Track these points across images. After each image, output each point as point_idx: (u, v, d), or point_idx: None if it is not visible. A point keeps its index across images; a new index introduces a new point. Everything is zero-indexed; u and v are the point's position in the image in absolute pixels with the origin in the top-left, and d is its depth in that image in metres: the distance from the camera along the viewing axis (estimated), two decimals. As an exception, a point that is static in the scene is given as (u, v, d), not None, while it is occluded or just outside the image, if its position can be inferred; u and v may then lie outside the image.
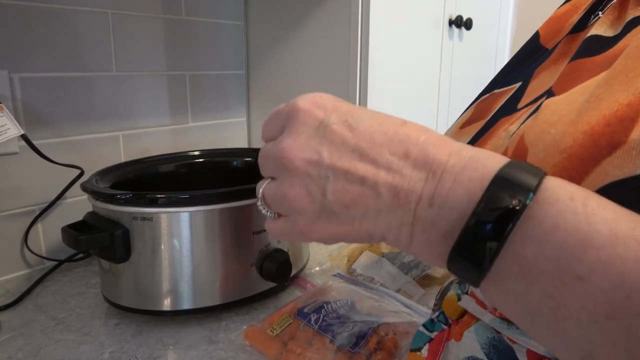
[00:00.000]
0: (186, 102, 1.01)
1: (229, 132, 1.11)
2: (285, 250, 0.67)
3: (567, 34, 0.41)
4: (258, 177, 0.68)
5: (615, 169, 0.25)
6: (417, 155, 0.26)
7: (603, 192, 0.25)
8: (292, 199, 0.29)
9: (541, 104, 0.33)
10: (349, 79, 0.91)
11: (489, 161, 0.25)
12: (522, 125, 0.33)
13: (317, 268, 0.79)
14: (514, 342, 0.33)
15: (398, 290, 0.69)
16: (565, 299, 0.21)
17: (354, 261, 0.77)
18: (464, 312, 0.38)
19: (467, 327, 0.36)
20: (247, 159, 0.88)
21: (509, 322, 0.33)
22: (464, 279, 0.25)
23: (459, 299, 0.39)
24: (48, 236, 0.82)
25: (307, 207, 0.28)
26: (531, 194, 0.22)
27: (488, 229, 0.23)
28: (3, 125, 0.68)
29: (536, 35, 0.45)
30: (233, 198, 0.61)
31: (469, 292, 0.39)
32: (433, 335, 0.40)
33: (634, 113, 0.25)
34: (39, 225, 0.81)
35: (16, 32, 0.75)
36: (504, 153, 0.33)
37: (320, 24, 0.94)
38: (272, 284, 0.66)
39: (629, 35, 0.34)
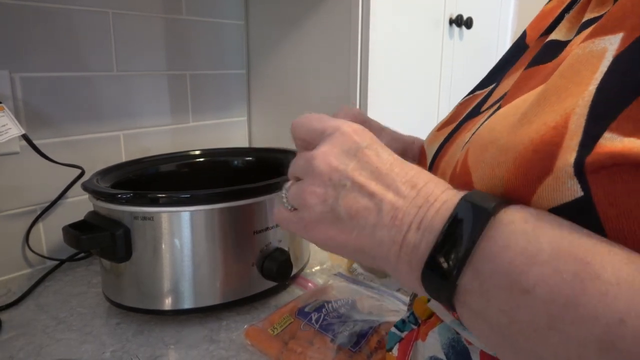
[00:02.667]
0: (187, 102, 1.01)
1: (230, 131, 1.11)
2: (286, 249, 0.67)
3: (540, 35, 0.39)
4: (258, 177, 0.68)
5: (549, 196, 0.25)
6: (421, 187, 0.30)
7: None
8: (308, 193, 0.32)
9: (490, 116, 0.33)
10: (349, 78, 0.91)
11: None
12: (468, 142, 0.33)
13: (318, 267, 0.79)
14: (470, 344, 0.34)
15: (398, 290, 0.69)
16: (515, 314, 0.23)
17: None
18: (433, 313, 0.38)
19: (432, 328, 0.37)
20: (248, 158, 0.88)
21: None
22: (439, 298, 0.28)
23: (429, 300, 0.39)
24: (49, 236, 0.82)
25: (318, 206, 0.32)
26: (485, 214, 0.25)
27: (453, 243, 0.26)
28: (4, 125, 0.68)
29: (523, 34, 0.44)
30: (234, 197, 0.61)
31: None
32: (403, 335, 0.40)
33: (559, 137, 0.24)
34: (40, 225, 0.81)
35: (17, 32, 0.75)
36: (454, 168, 0.33)
37: (321, 23, 0.94)
38: (272, 283, 0.66)
39: (575, 39, 0.33)
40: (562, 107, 0.25)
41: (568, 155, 0.23)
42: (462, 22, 1.15)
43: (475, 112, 0.39)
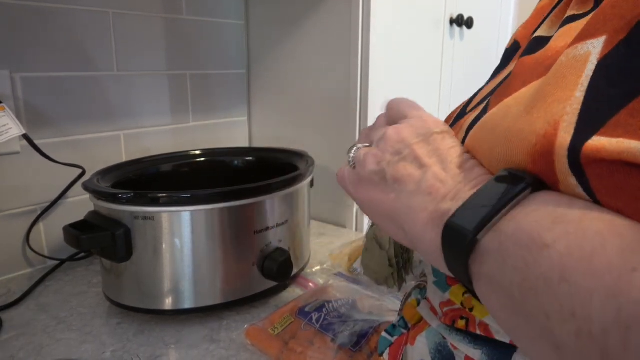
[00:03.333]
0: (187, 102, 1.01)
1: (230, 131, 1.11)
2: (287, 249, 0.67)
3: (531, 33, 0.39)
4: (259, 177, 0.68)
5: None
6: (467, 168, 0.31)
7: None
8: (371, 155, 0.36)
9: (478, 117, 0.33)
10: (350, 78, 0.91)
11: None
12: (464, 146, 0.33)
13: (318, 267, 0.79)
14: (455, 348, 0.34)
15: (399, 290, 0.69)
16: (529, 270, 0.23)
17: (355, 260, 0.77)
18: (422, 318, 0.39)
19: (420, 332, 0.37)
20: (248, 158, 0.88)
21: (451, 329, 0.34)
22: (456, 262, 0.28)
23: (418, 304, 0.39)
24: (50, 236, 0.82)
25: (372, 165, 0.35)
26: (525, 183, 0.26)
27: (482, 203, 0.27)
28: (5, 125, 0.68)
29: (517, 43, 0.43)
30: (234, 197, 0.61)
31: (426, 298, 0.39)
32: (393, 339, 0.40)
33: (550, 146, 0.24)
34: (40, 225, 0.81)
35: (18, 32, 0.75)
36: None
37: (321, 23, 0.94)
38: (273, 283, 0.66)
39: (556, 35, 0.33)
40: (550, 114, 0.25)
41: (562, 164, 0.24)
42: (462, 22, 1.15)
43: (462, 113, 0.39)
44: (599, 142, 0.22)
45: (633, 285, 0.19)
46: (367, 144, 0.38)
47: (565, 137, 0.24)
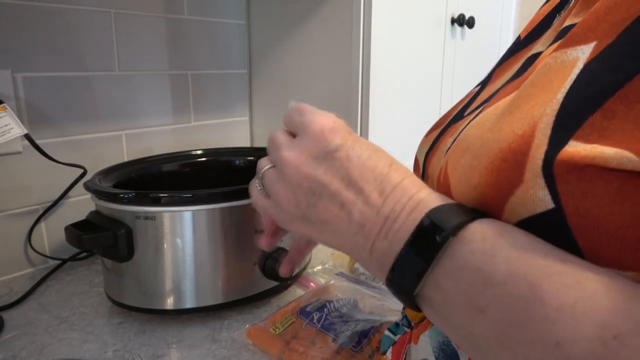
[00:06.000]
0: (188, 101, 1.01)
1: (232, 131, 1.11)
2: (288, 249, 0.67)
3: (527, 33, 0.39)
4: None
5: (520, 207, 0.25)
6: (389, 194, 0.30)
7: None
8: (281, 197, 0.34)
9: (470, 122, 0.33)
10: (350, 78, 0.91)
11: (434, 205, 0.28)
12: (449, 149, 0.33)
13: (320, 267, 0.79)
14: (459, 347, 0.34)
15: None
16: (472, 329, 0.25)
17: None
18: (425, 316, 0.38)
19: (424, 331, 0.37)
20: (250, 158, 0.88)
21: None
22: (404, 303, 0.29)
23: None
24: (51, 235, 0.82)
25: (291, 209, 0.33)
26: (444, 234, 0.26)
27: (413, 260, 0.27)
28: (6, 125, 0.69)
29: (519, 37, 0.43)
30: (235, 197, 0.61)
31: None
32: (397, 338, 0.40)
33: (525, 145, 0.24)
34: (42, 225, 0.81)
35: (19, 32, 0.75)
36: (439, 177, 0.33)
37: (323, 22, 0.94)
38: (274, 283, 0.67)
39: (549, 49, 0.32)
40: (530, 115, 0.25)
41: (535, 166, 0.23)
42: (464, 21, 1.15)
43: (459, 116, 0.39)
44: (574, 149, 0.22)
45: (565, 356, 0.20)
46: (270, 165, 0.36)
47: (542, 138, 0.23)
